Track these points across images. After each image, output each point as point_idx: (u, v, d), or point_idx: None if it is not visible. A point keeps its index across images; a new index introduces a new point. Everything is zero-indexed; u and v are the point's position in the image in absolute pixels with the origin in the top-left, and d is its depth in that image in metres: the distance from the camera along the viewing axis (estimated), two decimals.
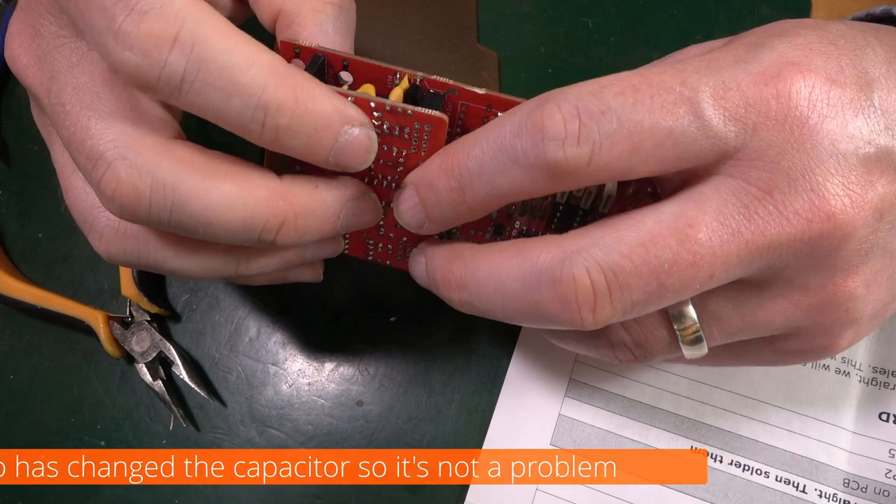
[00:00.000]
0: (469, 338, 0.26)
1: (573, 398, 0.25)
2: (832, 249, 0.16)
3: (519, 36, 0.31)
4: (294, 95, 0.15)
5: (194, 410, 0.26)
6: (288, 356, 0.27)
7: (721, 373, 0.25)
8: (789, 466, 0.24)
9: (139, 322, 0.27)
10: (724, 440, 0.24)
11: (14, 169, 0.31)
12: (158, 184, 0.15)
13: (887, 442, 0.23)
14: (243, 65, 0.15)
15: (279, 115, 0.15)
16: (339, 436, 0.26)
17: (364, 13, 0.31)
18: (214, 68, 0.15)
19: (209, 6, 0.15)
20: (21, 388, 0.27)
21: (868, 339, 0.25)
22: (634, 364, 0.20)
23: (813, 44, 0.16)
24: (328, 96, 0.16)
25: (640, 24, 0.31)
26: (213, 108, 0.15)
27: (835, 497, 0.23)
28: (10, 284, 0.27)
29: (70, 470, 0.26)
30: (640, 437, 0.24)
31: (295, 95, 0.15)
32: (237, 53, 0.15)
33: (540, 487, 0.24)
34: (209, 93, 0.15)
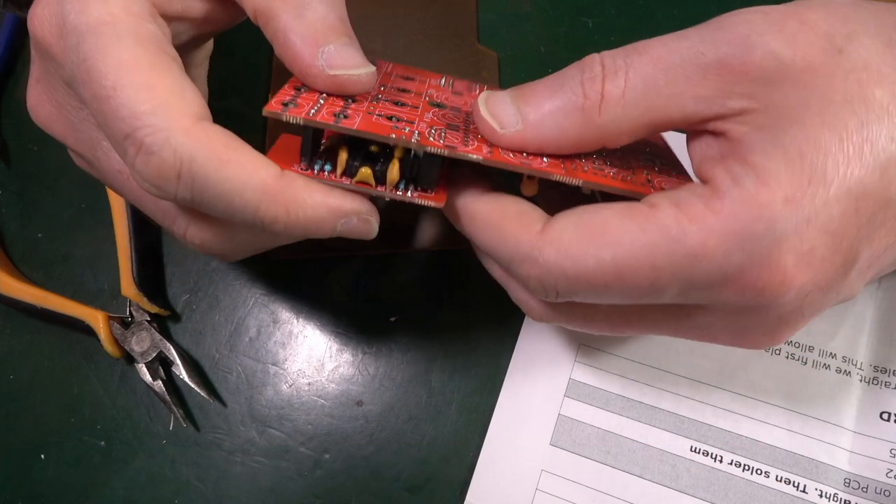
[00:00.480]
0: (469, 338, 0.26)
1: (573, 398, 0.25)
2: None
3: (519, 36, 0.31)
4: (285, 210, 0.17)
5: (194, 410, 0.26)
6: (288, 356, 0.27)
7: (721, 373, 0.25)
8: (790, 466, 0.23)
9: (139, 322, 0.27)
10: (724, 440, 0.24)
11: (14, 169, 0.31)
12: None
13: (888, 441, 0.23)
14: (238, 189, 0.17)
15: (275, 225, 0.18)
16: (339, 436, 0.26)
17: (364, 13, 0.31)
18: (214, 194, 0.17)
19: (206, 134, 0.17)
20: (21, 388, 0.27)
21: (869, 338, 0.25)
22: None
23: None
24: (321, 201, 0.18)
25: (640, 24, 0.31)
26: (222, 216, 0.18)
27: (835, 497, 0.23)
28: (10, 284, 0.27)
29: (70, 470, 0.26)
30: (640, 437, 0.24)
31: (286, 210, 0.17)
32: (232, 180, 0.17)
33: (540, 487, 0.24)
34: (215, 209, 0.17)
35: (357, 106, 0.19)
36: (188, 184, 0.17)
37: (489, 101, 0.19)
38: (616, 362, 0.26)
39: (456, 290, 0.27)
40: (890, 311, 0.25)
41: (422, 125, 0.18)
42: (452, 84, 0.23)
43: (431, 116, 0.19)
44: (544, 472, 0.24)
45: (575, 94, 0.18)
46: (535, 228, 0.18)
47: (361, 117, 0.18)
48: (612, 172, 0.19)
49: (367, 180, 0.18)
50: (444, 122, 0.19)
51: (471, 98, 0.22)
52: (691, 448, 0.24)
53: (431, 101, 0.20)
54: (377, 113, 0.18)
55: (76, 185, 0.30)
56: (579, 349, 0.26)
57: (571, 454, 0.24)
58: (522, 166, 0.18)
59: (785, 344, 0.25)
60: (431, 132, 0.18)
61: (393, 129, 0.18)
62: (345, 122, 0.17)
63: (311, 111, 0.18)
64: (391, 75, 0.22)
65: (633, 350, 0.26)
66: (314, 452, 0.25)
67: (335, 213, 0.18)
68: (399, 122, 0.18)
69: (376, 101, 0.19)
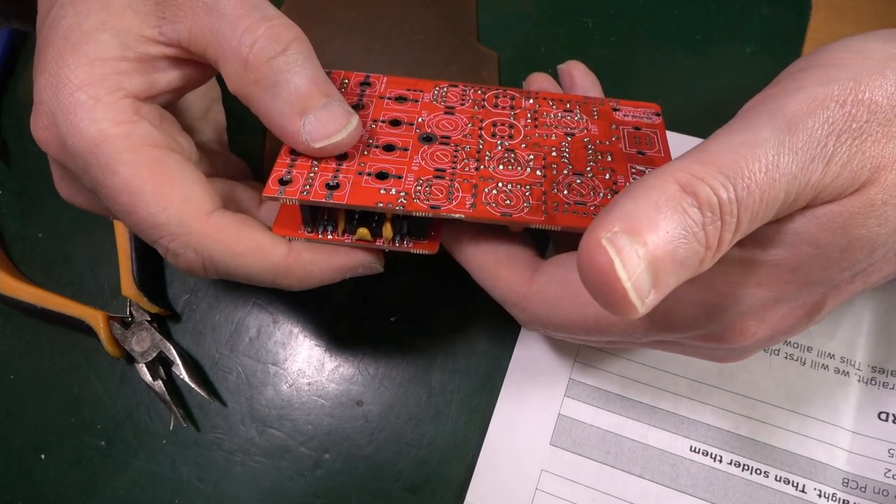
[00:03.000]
0: (469, 338, 0.26)
1: (573, 398, 0.25)
2: None
3: (519, 36, 0.31)
4: (298, 279, 0.20)
5: (194, 410, 0.26)
6: (288, 356, 0.27)
7: (721, 373, 0.25)
8: (789, 466, 0.24)
9: (139, 322, 0.27)
10: (724, 440, 0.24)
11: (14, 169, 0.31)
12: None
13: (886, 441, 0.24)
14: (257, 269, 0.20)
15: (291, 289, 0.21)
16: (339, 436, 0.26)
17: (364, 13, 0.31)
18: (236, 276, 0.20)
19: (218, 228, 0.19)
20: (21, 388, 0.27)
21: (867, 338, 0.25)
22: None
23: None
24: (327, 266, 0.20)
25: (640, 24, 0.31)
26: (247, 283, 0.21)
27: (834, 496, 0.23)
28: (10, 284, 0.27)
29: (70, 470, 0.26)
30: (640, 437, 0.24)
31: (299, 279, 0.20)
32: (247, 266, 0.20)
33: (540, 487, 0.24)
34: (240, 281, 0.20)
35: (349, 166, 0.20)
36: (213, 270, 0.20)
37: (636, 286, 0.14)
38: (616, 362, 0.26)
39: (456, 290, 0.27)
40: (888, 313, 0.25)
41: (409, 180, 0.20)
42: (445, 97, 0.23)
43: (420, 161, 0.20)
44: (544, 472, 0.24)
45: (696, 254, 0.15)
46: (525, 277, 0.20)
47: (351, 184, 0.20)
48: (594, 205, 0.20)
49: (365, 238, 0.20)
50: (431, 169, 0.20)
51: (462, 115, 0.22)
52: (691, 448, 0.24)
53: (421, 135, 0.21)
54: (367, 171, 0.20)
55: None
56: (579, 349, 0.26)
57: (571, 454, 0.24)
58: (504, 219, 0.19)
59: (784, 344, 0.25)
60: (418, 189, 0.19)
61: (381, 193, 0.19)
62: (336, 194, 0.19)
63: (305, 188, 0.19)
64: (384, 99, 0.23)
65: (632, 351, 0.26)
66: (314, 452, 0.25)
67: (341, 271, 0.20)
68: (388, 180, 0.20)
69: (367, 152, 0.21)
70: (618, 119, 0.23)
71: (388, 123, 0.22)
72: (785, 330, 0.18)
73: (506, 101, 0.23)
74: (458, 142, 0.21)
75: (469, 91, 0.24)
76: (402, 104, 0.23)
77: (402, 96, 0.23)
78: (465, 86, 0.24)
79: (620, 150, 0.22)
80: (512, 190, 0.20)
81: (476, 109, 0.23)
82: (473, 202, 0.19)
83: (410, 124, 0.22)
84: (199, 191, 0.20)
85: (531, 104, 0.23)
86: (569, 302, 0.19)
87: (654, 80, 0.30)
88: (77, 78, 0.19)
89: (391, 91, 0.23)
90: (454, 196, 0.19)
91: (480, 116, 0.22)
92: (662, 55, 0.30)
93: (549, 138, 0.22)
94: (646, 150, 0.22)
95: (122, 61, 0.19)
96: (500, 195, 0.20)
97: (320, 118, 0.19)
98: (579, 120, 0.23)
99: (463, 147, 0.21)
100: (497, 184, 0.20)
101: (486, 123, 0.22)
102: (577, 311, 0.19)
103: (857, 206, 0.16)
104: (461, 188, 0.20)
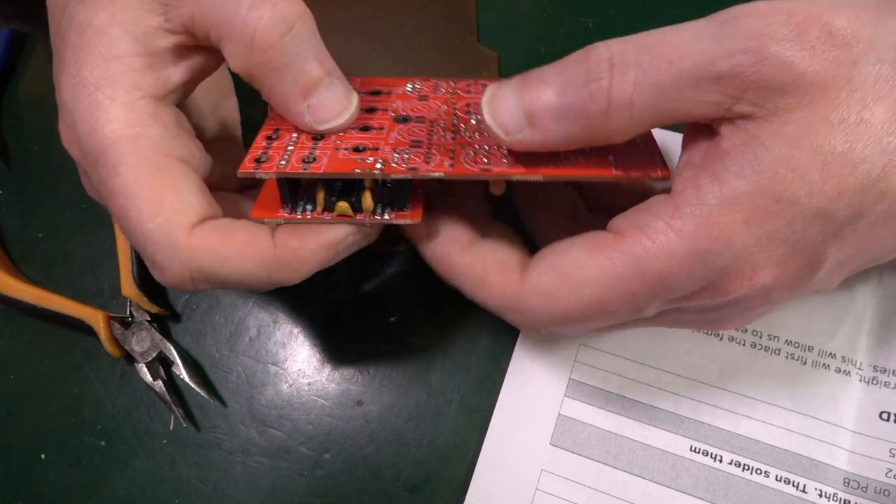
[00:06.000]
0: (469, 338, 0.26)
1: (573, 398, 0.25)
2: None
3: (519, 36, 0.31)
4: (293, 269, 0.19)
5: (194, 410, 0.26)
6: (288, 356, 0.27)
7: (721, 372, 0.25)
8: (789, 466, 0.24)
9: (139, 322, 0.27)
10: (724, 440, 0.24)
11: (14, 169, 0.31)
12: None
13: (888, 441, 0.23)
14: (246, 275, 0.19)
15: (291, 282, 0.20)
16: (339, 436, 0.26)
17: (364, 13, 0.31)
18: (229, 283, 0.20)
19: (203, 239, 0.19)
20: (21, 388, 0.27)
21: (869, 337, 0.25)
22: None
23: None
24: (316, 247, 0.19)
25: (640, 24, 0.31)
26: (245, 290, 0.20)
27: (835, 497, 0.23)
28: (10, 284, 0.27)
29: (70, 470, 0.26)
30: (640, 437, 0.24)
31: (294, 269, 0.19)
32: (237, 271, 0.19)
33: (540, 487, 0.24)
34: (236, 289, 0.20)
35: (325, 143, 0.20)
36: (202, 282, 0.19)
37: (493, 103, 0.19)
38: (616, 362, 0.26)
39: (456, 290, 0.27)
40: (890, 311, 0.25)
41: (386, 150, 0.19)
42: (419, 88, 0.23)
43: (396, 136, 0.20)
44: (544, 472, 0.24)
45: (580, 98, 0.17)
46: (515, 278, 0.19)
47: (328, 157, 0.19)
48: (573, 159, 0.19)
49: (346, 212, 0.19)
50: (408, 140, 0.20)
51: (436, 101, 0.22)
52: (691, 448, 0.24)
53: (396, 117, 0.21)
54: (344, 146, 0.20)
55: (76, 185, 0.29)
56: (579, 349, 0.26)
57: (571, 454, 0.24)
58: (483, 174, 0.19)
59: (784, 343, 0.25)
60: (395, 156, 0.19)
61: (358, 161, 0.19)
62: (312, 166, 0.19)
63: (280, 163, 0.19)
64: (359, 94, 0.22)
65: (633, 350, 0.26)
66: (314, 452, 0.25)
67: (332, 246, 0.20)
68: (364, 151, 0.19)
69: (343, 132, 0.20)
70: None
71: (364, 111, 0.21)
72: (786, 281, 0.18)
73: (478, 88, 0.23)
74: (433, 120, 0.21)
75: (441, 83, 0.24)
76: (376, 96, 0.23)
77: (377, 90, 0.23)
78: (438, 80, 0.24)
79: None
80: (490, 151, 0.20)
81: (449, 95, 0.23)
82: (452, 162, 0.19)
83: (385, 110, 0.22)
84: (195, 203, 0.19)
85: None
86: (564, 289, 0.18)
87: None
88: (94, 78, 0.19)
89: (365, 88, 0.23)
90: (432, 160, 0.19)
91: (454, 101, 0.22)
92: None
93: None
94: None
95: (135, 57, 0.19)
96: (479, 156, 0.19)
97: (323, 101, 0.19)
98: None
99: (438, 123, 0.21)
100: (475, 146, 0.20)
101: (461, 105, 0.22)
102: (575, 296, 0.18)
103: (811, 120, 0.16)
104: (439, 153, 0.19)
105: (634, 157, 0.19)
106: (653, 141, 0.20)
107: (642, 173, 0.19)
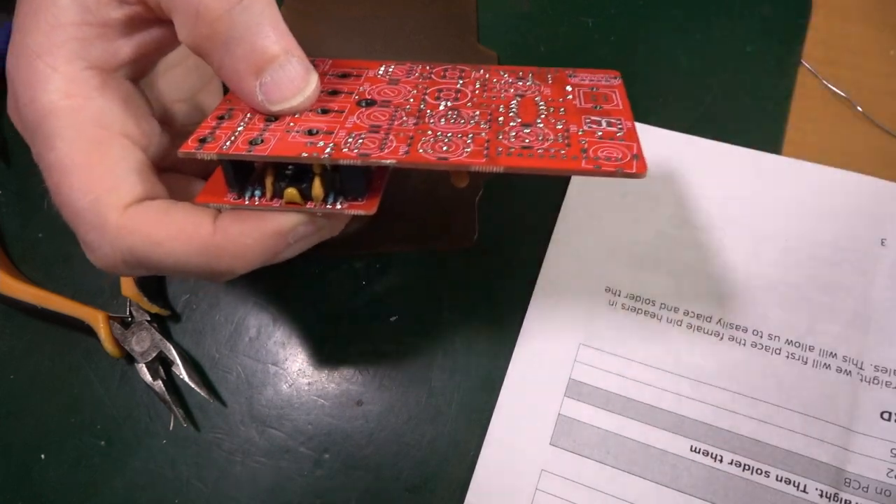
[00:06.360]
0: (469, 338, 0.26)
1: (573, 398, 0.25)
2: None
3: (519, 36, 0.31)
4: (233, 257, 0.18)
5: (194, 410, 0.26)
6: (288, 356, 0.27)
7: (721, 372, 0.25)
8: (790, 466, 0.24)
9: (139, 322, 0.27)
10: (725, 440, 0.24)
11: (14, 169, 0.31)
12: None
13: (889, 441, 0.23)
14: (182, 260, 0.18)
15: (233, 272, 0.18)
16: (339, 436, 0.26)
17: (364, 13, 0.31)
18: (164, 268, 0.18)
19: (135, 220, 0.18)
20: (21, 388, 0.27)
21: (870, 337, 0.25)
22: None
23: None
24: (259, 235, 0.18)
25: (640, 24, 0.31)
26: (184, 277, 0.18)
27: (836, 497, 0.23)
28: (10, 284, 0.27)
29: (70, 470, 0.26)
30: (640, 437, 0.24)
31: (234, 257, 0.18)
32: (172, 255, 0.18)
33: (540, 487, 0.24)
34: (173, 275, 0.19)
35: (277, 125, 0.18)
36: (134, 265, 0.18)
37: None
38: (616, 362, 0.26)
39: (456, 290, 0.27)
40: (890, 311, 0.25)
41: (341, 134, 0.18)
42: (392, 71, 0.22)
43: (355, 120, 0.19)
44: (544, 473, 0.24)
45: None
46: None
47: (277, 139, 0.18)
48: (542, 149, 0.18)
49: (294, 199, 0.18)
50: (366, 125, 0.19)
51: (406, 85, 0.21)
52: (691, 448, 0.24)
53: (361, 100, 0.20)
54: (296, 129, 0.18)
55: None
56: (579, 349, 0.26)
57: (571, 454, 0.24)
58: (440, 163, 0.17)
59: (785, 343, 0.25)
60: (348, 141, 0.18)
61: (307, 146, 0.18)
62: (258, 148, 0.18)
63: (225, 144, 0.18)
64: (326, 75, 0.21)
65: (632, 350, 0.26)
66: (314, 452, 0.25)
67: (277, 235, 0.18)
68: (317, 135, 0.18)
69: (299, 114, 0.19)
70: (573, 82, 0.22)
71: (327, 93, 0.20)
72: None
73: (454, 74, 0.22)
74: (398, 104, 0.20)
75: (417, 67, 0.22)
76: (344, 79, 0.21)
77: (347, 73, 0.22)
78: (414, 63, 0.23)
79: (575, 106, 0.20)
80: (452, 139, 0.18)
81: (421, 80, 0.21)
82: (408, 150, 0.18)
83: (350, 93, 0.20)
84: (132, 182, 0.18)
85: (481, 74, 0.22)
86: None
87: (654, 79, 0.30)
88: (37, 45, 0.18)
89: (335, 70, 0.22)
90: (388, 146, 0.18)
91: (426, 85, 0.21)
92: (662, 55, 0.30)
93: (497, 99, 0.20)
94: (602, 105, 0.20)
95: (82, 26, 0.18)
96: (439, 144, 0.18)
97: (277, 79, 0.18)
98: (531, 84, 0.21)
99: (403, 108, 0.20)
100: (436, 133, 0.19)
101: (431, 90, 0.21)
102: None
103: None
104: (396, 139, 0.18)
105: (610, 150, 0.18)
106: (633, 134, 0.19)
107: (616, 168, 0.17)
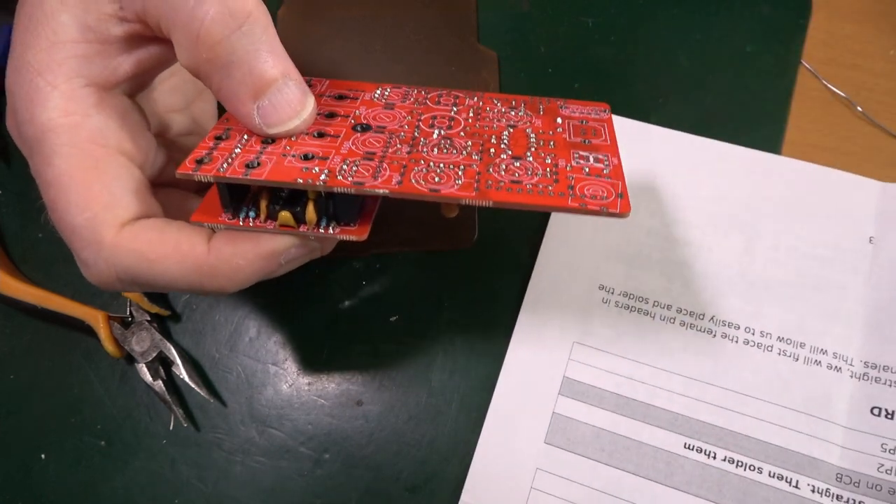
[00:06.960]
0: (469, 338, 0.27)
1: (567, 396, 0.25)
2: None
3: (519, 36, 0.31)
4: (226, 277, 0.18)
5: (194, 410, 0.26)
6: (288, 356, 0.27)
7: (714, 370, 0.25)
8: (782, 462, 0.24)
9: (139, 322, 0.27)
10: (718, 436, 0.24)
11: (14, 169, 0.30)
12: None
13: (879, 436, 0.24)
14: (178, 274, 0.18)
15: (225, 290, 0.19)
16: (339, 436, 0.26)
17: (364, 13, 0.31)
18: (157, 286, 0.19)
19: (130, 239, 0.18)
20: (21, 388, 0.27)
21: (860, 334, 0.25)
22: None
23: None
24: (253, 256, 0.18)
25: (640, 24, 0.31)
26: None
27: (827, 492, 0.23)
28: (10, 284, 0.27)
29: (70, 470, 0.26)
30: (634, 435, 0.25)
31: (227, 277, 0.18)
32: (166, 274, 0.18)
33: (535, 485, 0.24)
34: (166, 291, 0.19)
35: (273, 148, 0.19)
36: (129, 283, 0.19)
37: None
38: (610, 360, 0.26)
39: (456, 290, 0.27)
40: (880, 308, 0.26)
41: (336, 160, 0.19)
42: (388, 95, 0.22)
43: (350, 146, 0.19)
44: (539, 471, 0.24)
45: None
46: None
47: (273, 163, 0.18)
48: (530, 184, 0.18)
49: (288, 223, 0.19)
50: (361, 151, 0.19)
51: (401, 110, 0.22)
52: (685, 445, 0.24)
53: (355, 125, 0.20)
54: (292, 153, 0.19)
55: None
56: (573, 347, 0.26)
57: (566, 452, 0.25)
58: (431, 195, 0.18)
59: (777, 340, 0.26)
60: (343, 168, 0.18)
61: (303, 171, 0.18)
62: (254, 172, 0.18)
63: (222, 166, 0.18)
64: (322, 97, 0.22)
65: (627, 348, 0.26)
66: (314, 452, 0.26)
67: (270, 257, 0.19)
68: (313, 160, 0.18)
69: (296, 137, 0.19)
70: (564, 114, 0.22)
71: (324, 116, 0.21)
72: None
73: (449, 100, 0.22)
74: (393, 131, 0.20)
75: (412, 91, 0.23)
76: (341, 101, 0.22)
77: (343, 95, 0.22)
78: (410, 87, 0.23)
79: (564, 140, 0.21)
80: (444, 170, 0.19)
81: (416, 106, 0.22)
82: (400, 180, 0.18)
83: (346, 116, 0.21)
84: (128, 200, 0.19)
85: (475, 101, 0.22)
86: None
87: (654, 80, 0.30)
88: (37, 62, 0.18)
89: (332, 91, 0.22)
90: (381, 175, 0.18)
91: (420, 111, 0.21)
92: (662, 55, 0.31)
93: (489, 129, 0.21)
94: (591, 139, 0.21)
95: (81, 44, 0.18)
96: (431, 174, 0.18)
97: (275, 103, 0.18)
98: (523, 115, 0.22)
99: (398, 135, 0.20)
100: (429, 164, 0.19)
101: (426, 117, 0.21)
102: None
103: None
104: (389, 168, 0.19)
105: (596, 188, 0.19)
106: (619, 172, 0.19)
107: (600, 207, 0.18)
